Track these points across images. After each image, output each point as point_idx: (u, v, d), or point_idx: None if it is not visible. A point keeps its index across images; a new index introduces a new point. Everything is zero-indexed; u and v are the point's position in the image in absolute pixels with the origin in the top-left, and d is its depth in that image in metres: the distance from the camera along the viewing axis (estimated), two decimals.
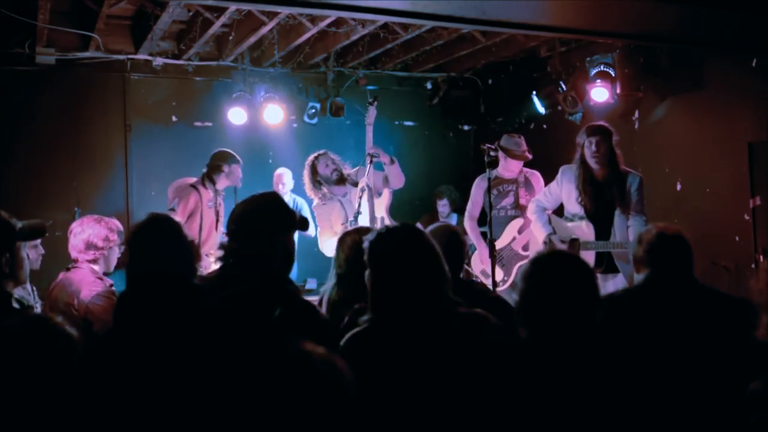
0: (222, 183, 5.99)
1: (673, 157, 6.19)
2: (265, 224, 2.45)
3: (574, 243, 4.80)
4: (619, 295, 3.03)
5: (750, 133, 5.56)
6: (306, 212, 6.74)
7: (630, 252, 4.46)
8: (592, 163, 4.74)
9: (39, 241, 3.66)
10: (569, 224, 4.90)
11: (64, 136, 7.07)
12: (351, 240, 3.05)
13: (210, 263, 5.34)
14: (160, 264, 2.29)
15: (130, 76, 7.31)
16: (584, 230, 4.80)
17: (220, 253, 2.53)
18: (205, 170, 6.05)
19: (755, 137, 5.53)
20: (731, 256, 5.55)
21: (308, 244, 6.00)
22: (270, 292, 2.37)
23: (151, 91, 7.46)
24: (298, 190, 6.94)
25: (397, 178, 5.43)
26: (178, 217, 5.78)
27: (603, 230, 4.75)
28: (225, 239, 2.55)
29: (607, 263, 4.72)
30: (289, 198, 6.93)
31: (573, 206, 4.88)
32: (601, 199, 4.77)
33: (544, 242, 4.92)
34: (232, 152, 6.08)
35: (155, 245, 2.33)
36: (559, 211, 5.13)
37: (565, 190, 4.92)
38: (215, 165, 5.99)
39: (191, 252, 2.39)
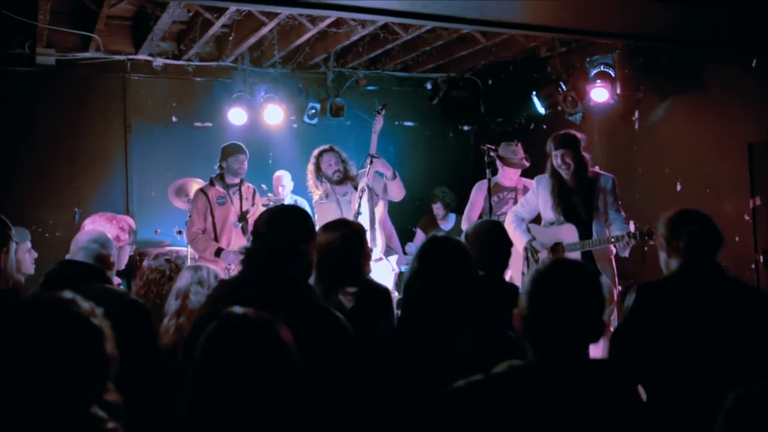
0: (230, 178, 5.96)
1: (673, 157, 6.18)
2: (290, 229, 2.51)
3: (558, 247, 4.85)
4: (656, 284, 2.91)
5: (750, 133, 5.56)
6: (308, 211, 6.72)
7: (620, 247, 4.56)
8: (561, 172, 4.83)
9: (29, 244, 3.64)
10: (550, 229, 4.94)
11: (64, 137, 7.07)
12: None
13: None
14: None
15: (130, 76, 7.31)
16: (567, 233, 4.84)
17: (242, 256, 2.55)
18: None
19: (755, 137, 5.53)
20: (731, 256, 5.52)
21: None
22: (286, 296, 2.37)
23: (151, 91, 7.46)
24: (298, 190, 6.95)
25: (397, 192, 5.50)
26: (196, 222, 5.79)
27: (585, 232, 4.81)
28: (248, 242, 2.56)
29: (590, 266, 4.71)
30: (290, 200, 6.93)
31: (550, 214, 4.94)
32: (575, 204, 4.84)
33: (525, 248, 4.94)
34: (231, 145, 5.97)
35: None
36: (536, 220, 5.16)
37: (541, 198, 4.98)
38: (219, 163, 6.00)
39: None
